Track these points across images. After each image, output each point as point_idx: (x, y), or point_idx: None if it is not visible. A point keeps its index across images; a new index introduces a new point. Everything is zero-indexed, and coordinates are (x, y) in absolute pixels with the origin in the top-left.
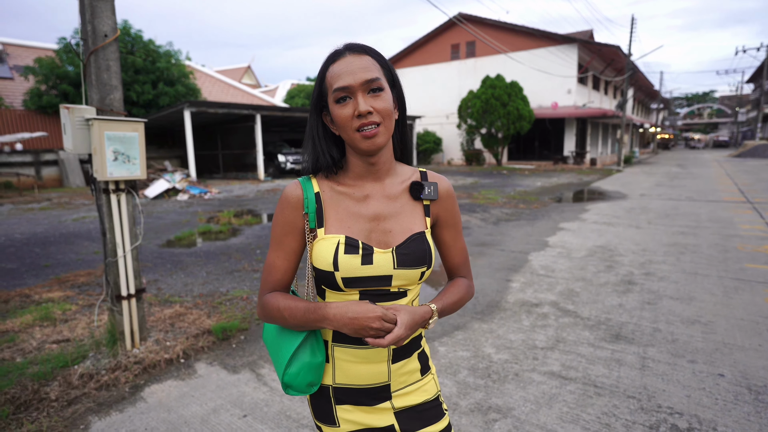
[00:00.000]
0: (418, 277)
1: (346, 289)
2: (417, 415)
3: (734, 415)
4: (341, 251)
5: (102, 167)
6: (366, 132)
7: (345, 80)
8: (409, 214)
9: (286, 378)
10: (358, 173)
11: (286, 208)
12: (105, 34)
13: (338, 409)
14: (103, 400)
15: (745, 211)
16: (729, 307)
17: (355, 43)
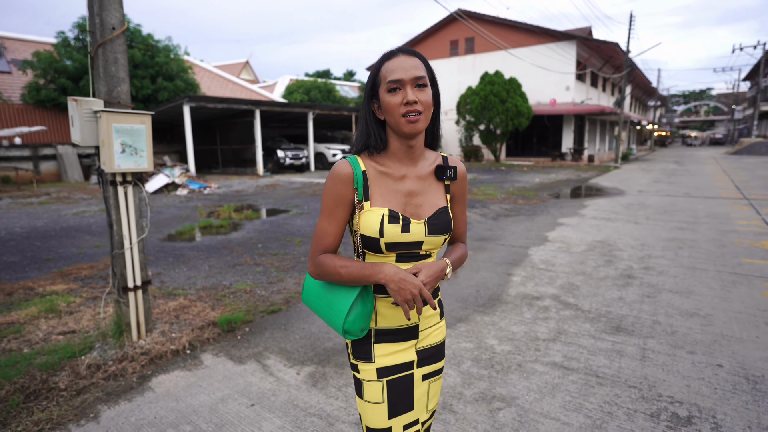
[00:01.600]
0: (442, 242)
1: (386, 252)
2: (429, 353)
3: (733, 403)
4: (386, 221)
5: (110, 159)
6: (410, 117)
7: (398, 74)
8: (434, 192)
9: (347, 325)
10: (397, 155)
11: (338, 183)
12: (113, 27)
13: (375, 347)
14: (111, 390)
15: (742, 208)
16: (727, 300)
17: (406, 47)
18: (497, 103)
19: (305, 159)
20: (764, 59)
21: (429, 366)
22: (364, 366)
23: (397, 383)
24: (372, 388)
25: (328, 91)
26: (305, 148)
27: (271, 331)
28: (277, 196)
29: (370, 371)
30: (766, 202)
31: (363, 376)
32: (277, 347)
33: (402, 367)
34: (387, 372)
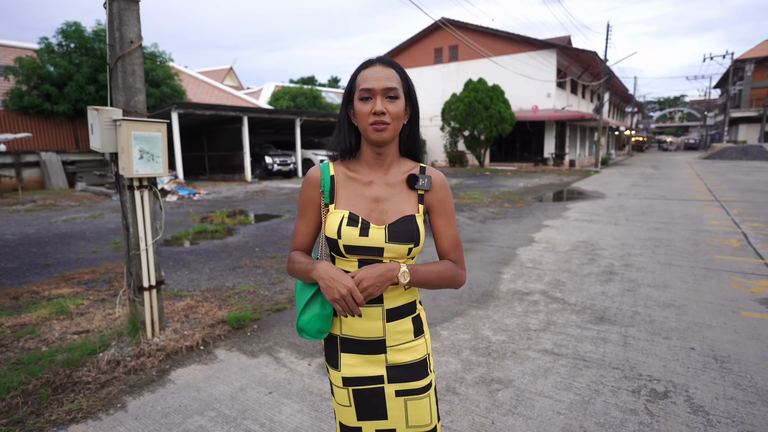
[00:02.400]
0: (407, 252)
1: (347, 255)
2: (404, 371)
3: (703, 379)
4: (344, 223)
5: (129, 165)
6: (377, 126)
7: (370, 84)
8: (404, 199)
9: (300, 323)
10: (367, 161)
11: (308, 186)
12: (131, 41)
13: (342, 356)
14: (134, 383)
15: (714, 209)
16: (699, 292)
17: (385, 57)
18: (481, 110)
19: (293, 165)
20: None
21: (403, 383)
22: (332, 371)
23: (364, 393)
24: (340, 393)
25: (314, 98)
26: (293, 155)
27: (279, 328)
28: (267, 202)
29: (337, 377)
30: (735, 204)
31: (332, 380)
32: (286, 342)
33: (369, 380)
34: (352, 382)
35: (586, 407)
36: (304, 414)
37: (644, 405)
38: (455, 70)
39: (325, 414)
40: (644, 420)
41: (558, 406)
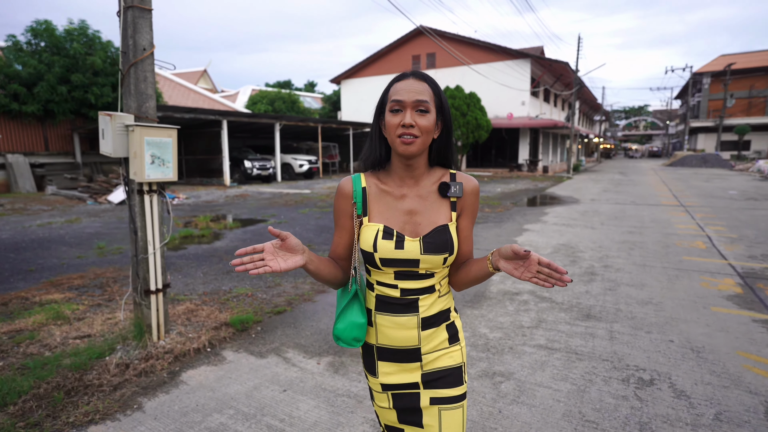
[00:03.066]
0: (442, 262)
1: (383, 268)
2: (439, 378)
3: (683, 368)
4: (380, 237)
5: (141, 170)
6: (404, 139)
7: (401, 96)
8: (436, 210)
9: (335, 331)
10: (398, 173)
11: (340, 198)
12: (144, 48)
13: (379, 363)
14: (146, 385)
15: (680, 214)
16: (672, 290)
17: (419, 71)
18: (458, 117)
19: (272, 170)
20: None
21: (438, 390)
22: (371, 378)
23: (402, 396)
24: (380, 396)
25: (292, 102)
26: (272, 159)
27: (283, 329)
28: (250, 207)
29: (375, 383)
30: (698, 209)
31: (371, 385)
32: (292, 342)
33: (406, 386)
34: (391, 387)
35: (582, 395)
36: (321, 409)
37: (634, 392)
38: (432, 77)
39: (341, 409)
40: (635, 405)
41: (557, 395)
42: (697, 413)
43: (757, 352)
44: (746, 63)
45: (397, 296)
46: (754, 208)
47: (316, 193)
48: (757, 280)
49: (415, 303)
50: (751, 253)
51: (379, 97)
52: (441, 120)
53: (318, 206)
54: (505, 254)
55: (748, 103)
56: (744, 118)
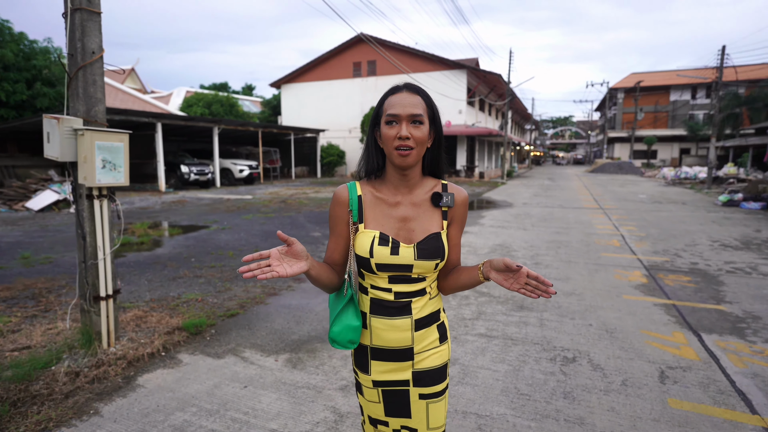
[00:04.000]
0: (433, 267)
1: (378, 272)
2: (427, 375)
3: (599, 346)
4: (376, 243)
5: (91, 174)
6: (401, 151)
7: (396, 110)
8: (429, 218)
9: (331, 334)
10: (392, 182)
11: (336, 205)
12: (93, 51)
13: (372, 363)
14: (100, 391)
15: (599, 215)
16: (592, 282)
17: (412, 84)
18: None
19: (211, 175)
20: (608, 96)
21: (426, 387)
22: (361, 375)
23: (392, 393)
24: (370, 392)
25: (230, 106)
26: (210, 164)
27: (237, 331)
28: (189, 213)
29: (367, 380)
30: (614, 211)
31: (361, 381)
32: (248, 343)
33: (397, 383)
34: (382, 384)
35: (517, 374)
36: (283, 401)
37: (559, 368)
38: (374, 84)
39: (302, 399)
40: (560, 378)
41: (496, 375)
42: (609, 381)
43: (655, 330)
44: (652, 81)
45: (392, 299)
46: (659, 210)
47: (258, 198)
48: (659, 271)
49: (409, 306)
50: (655, 249)
51: (374, 110)
52: (433, 130)
53: (261, 212)
54: (497, 266)
55: (654, 116)
56: (652, 130)
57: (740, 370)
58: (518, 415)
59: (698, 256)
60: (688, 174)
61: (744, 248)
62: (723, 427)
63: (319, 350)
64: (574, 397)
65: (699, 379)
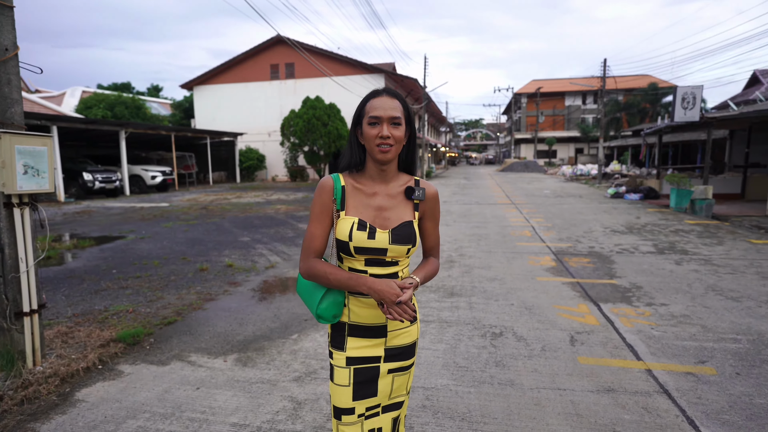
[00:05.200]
0: (406, 252)
1: (356, 255)
2: (397, 352)
3: (521, 321)
4: (355, 228)
5: (11, 181)
6: (382, 148)
7: (378, 112)
8: (402, 208)
9: (319, 310)
10: (371, 175)
11: (323, 193)
12: (6, 48)
13: (348, 339)
14: (33, 411)
15: (512, 210)
16: (510, 268)
17: (390, 88)
18: (320, 126)
19: (119, 182)
20: (513, 100)
21: (396, 362)
22: (336, 353)
23: (363, 372)
24: (341, 373)
25: (136, 108)
26: (118, 171)
27: (179, 337)
28: (99, 223)
29: (341, 359)
30: (524, 206)
31: (335, 362)
32: (192, 347)
33: (369, 360)
34: (355, 361)
35: (454, 350)
36: (239, 397)
37: (490, 342)
38: (292, 87)
39: (258, 393)
40: (491, 351)
41: (436, 353)
42: (531, 348)
43: (565, 304)
44: (551, 87)
45: None
46: (561, 204)
47: (175, 206)
48: (564, 255)
49: None
50: (560, 237)
51: (356, 110)
52: (408, 130)
53: (182, 219)
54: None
55: (553, 120)
56: (552, 132)
57: (629, 329)
58: (459, 384)
59: (594, 241)
60: (583, 171)
61: (628, 232)
62: (618, 373)
63: (267, 348)
64: (504, 364)
65: (600, 340)
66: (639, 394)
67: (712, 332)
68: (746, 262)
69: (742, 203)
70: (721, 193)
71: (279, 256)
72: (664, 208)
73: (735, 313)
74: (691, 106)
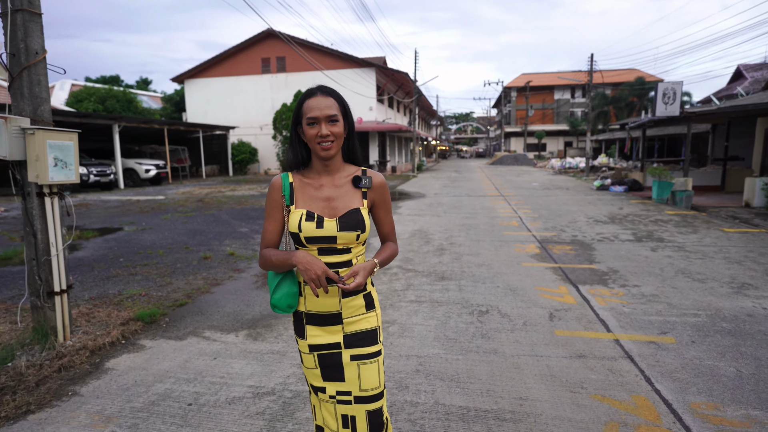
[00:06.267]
0: (355, 238)
1: (308, 245)
2: (357, 338)
3: (506, 301)
4: (303, 219)
5: (44, 172)
6: (323, 146)
7: (314, 113)
8: (350, 197)
9: (273, 300)
10: (317, 170)
11: (273, 191)
12: (36, 52)
13: (307, 327)
14: (71, 377)
15: (501, 202)
16: (498, 255)
17: (325, 87)
18: None
19: (113, 176)
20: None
21: (357, 349)
22: (300, 341)
23: (326, 357)
24: (307, 358)
25: (128, 101)
26: (112, 164)
27: (192, 317)
28: (98, 216)
29: (304, 345)
30: (513, 198)
31: (300, 349)
32: (206, 325)
33: (329, 346)
34: (317, 348)
35: (444, 326)
36: (252, 365)
37: (477, 319)
38: (284, 80)
39: (269, 362)
40: (478, 326)
41: (428, 328)
42: (514, 324)
43: (546, 286)
44: (540, 81)
45: None
46: (548, 196)
47: (172, 198)
48: (549, 243)
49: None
50: (545, 226)
51: (294, 111)
52: (347, 124)
53: (180, 211)
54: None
55: (543, 113)
56: (541, 125)
57: (602, 306)
58: (449, 353)
59: (577, 230)
60: (571, 164)
61: (610, 222)
62: (589, 343)
63: (274, 325)
64: (489, 336)
65: (576, 316)
66: (606, 359)
67: (676, 309)
68: (716, 248)
69: (722, 195)
70: (702, 185)
71: None
72: (646, 199)
73: (699, 293)
74: (672, 101)
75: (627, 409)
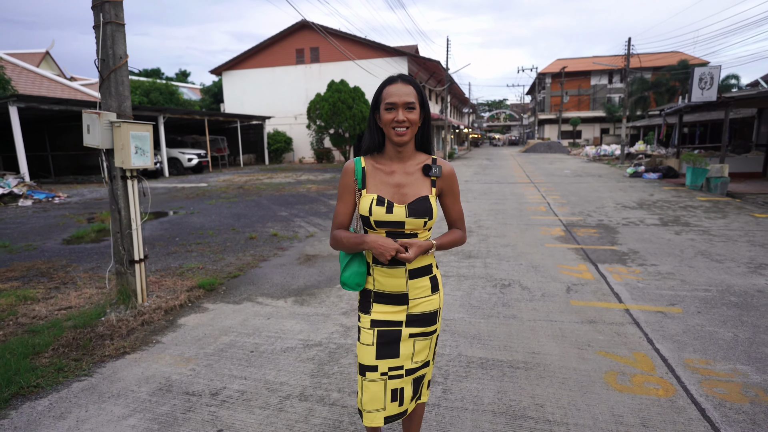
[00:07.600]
0: (422, 224)
1: (377, 228)
2: (419, 318)
3: (527, 276)
4: (374, 204)
5: (128, 159)
6: (398, 131)
7: (393, 99)
8: (419, 184)
9: (343, 278)
10: (390, 156)
11: (346, 175)
12: (120, 57)
13: (374, 305)
14: (152, 330)
15: (530, 189)
16: (523, 237)
17: (405, 75)
18: (345, 110)
19: (159, 165)
20: (537, 80)
21: (417, 328)
22: (363, 316)
23: (385, 334)
24: (366, 334)
25: (170, 94)
26: (158, 154)
27: (245, 287)
28: (150, 201)
29: (366, 321)
30: (543, 185)
31: (361, 324)
32: (258, 293)
33: (391, 324)
34: (379, 324)
35: (470, 296)
36: (302, 324)
37: (499, 290)
38: (317, 71)
39: (315, 321)
40: (500, 296)
41: (454, 297)
42: (533, 295)
43: (567, 264)
44: (576, 67)
45: None
46: (579, 182)
47: (213, 186)
48: (574, 227)
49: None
50: (572, 211)
51: (374, 96)
52: (423, 112)
53: (223, 197)
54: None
55: (578, 99)
56: (576, 112)
57: (618, 282)
58: (472, 317)
59: (604, 215)
60: (606, 151)
61: (638, 208)
62: (601, 312)
63: (317, 294)
64: (509, 305)
65: (591, 290)
66: (614, 324)
67: (688, 285)
68: (742, 232)
69: (763, 182)
70: (743, 172)
71: (316, 227)
72: (679, 186)
73: (714, 272)
74: (709, 86)
75: (626, 363)
